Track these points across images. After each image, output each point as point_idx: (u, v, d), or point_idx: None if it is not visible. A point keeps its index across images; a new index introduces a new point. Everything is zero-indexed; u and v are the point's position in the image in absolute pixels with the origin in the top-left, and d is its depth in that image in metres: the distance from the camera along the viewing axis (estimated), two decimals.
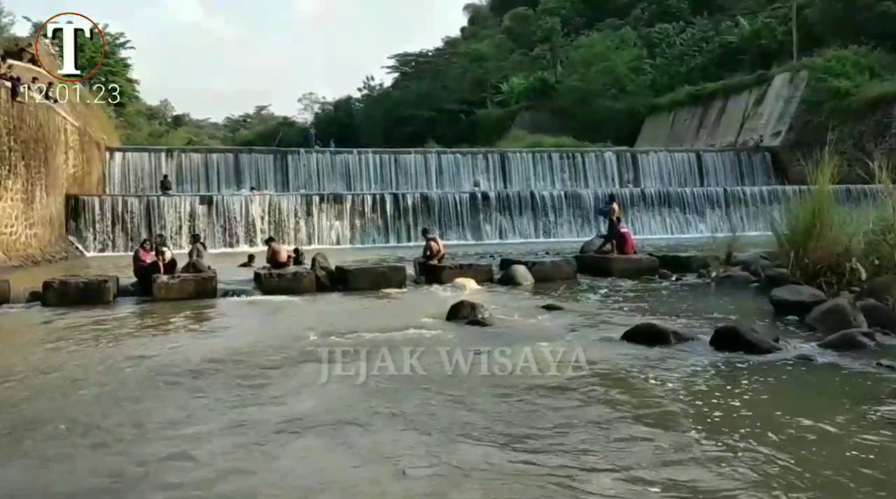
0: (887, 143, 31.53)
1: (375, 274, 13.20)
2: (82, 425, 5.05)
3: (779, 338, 7.25)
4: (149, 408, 5.48)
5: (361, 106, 69.04)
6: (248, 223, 25.32)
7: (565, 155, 36.12)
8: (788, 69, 39.15)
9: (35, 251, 19.22)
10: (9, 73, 18.28)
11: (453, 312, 9.23)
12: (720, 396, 5.50)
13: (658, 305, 10.39)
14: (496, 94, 55.97)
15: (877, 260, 9.09)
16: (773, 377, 6.07)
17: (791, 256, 10.36)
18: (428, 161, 34.29)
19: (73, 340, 8.42)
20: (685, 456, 4.22)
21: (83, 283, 11.79)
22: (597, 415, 5.07)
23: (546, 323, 8.98)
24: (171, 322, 9.91)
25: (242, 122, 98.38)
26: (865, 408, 5.08)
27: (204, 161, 31.42)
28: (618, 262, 14.38)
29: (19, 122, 18.32)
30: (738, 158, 37.48)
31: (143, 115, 50.83)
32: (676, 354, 6.92)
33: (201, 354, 7.37)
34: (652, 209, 29.87)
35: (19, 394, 5.96)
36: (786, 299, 9.11)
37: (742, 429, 4.70)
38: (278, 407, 5.43)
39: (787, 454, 4.23)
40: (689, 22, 52.60)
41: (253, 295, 12.23)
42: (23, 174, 18.56)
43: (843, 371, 6.22)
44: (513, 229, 28.30)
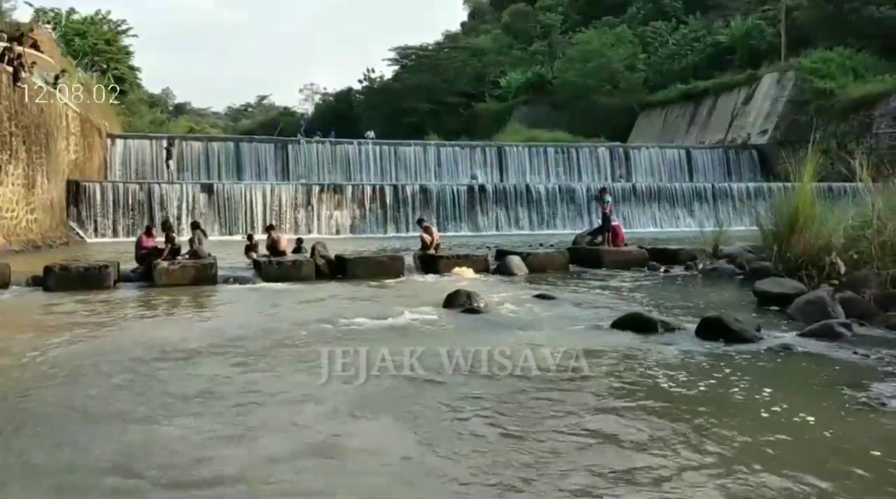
0: (868, 142, 32.07)
1: (374, 263, 13.31)
2: (85, 408, 5.09)
3: (761, 328, 7.37)
4: (146, 391, 5.51)
5: (362, 97, 68.96)
6: (248, 212, 25.57)
7: (560, 149, 36.47)
8: (776, 69, 39.68)
9: (36, 236, 19.29)
10: (14, 56, 18.24)
11: (450, 300, 9.38)
12: (703, 383, 5.62)
13: (646, 296, 10.55)
14: (495, 89, 56.09)
15: (855, 255, 9.31)
16: (754, 365, 6.15)
17: (774, 250, 10.68)
18: (427, 153, 34.54)
19: (75, 325, 8.40)
20: (665, 442, 4.28)
21: (84, 268, 11.75)
22: (581, 399, 5.14)
23: (539, 311, 9.10)
24: (170, 308, 9.89)
25: (243, 111, 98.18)
26: (842, 394, 5.26)
27: (204, 149, 31.49)
28: (609, 253, 14.63)
29: (20, 108, 18.32)
30: (727, 154, 38.04)
31: (145, 102, 50.46)
32: (663, 342, 7.03)
33: (198, 339, 7.38)
34: (643, 203, 30.28)
35: (22, 377, 5.97)
36: (769, 291, 9.33)
37: (723, 414, 4.82)
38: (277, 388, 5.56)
39: (767, 438, 4.34)
40: (683, 21, 52.91)
41: (253, 282, 12.27)
42: (24, 159, 18.57)
43: (822, 359, 6.34)
44: (509, 221, 28.65)
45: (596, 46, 49.81)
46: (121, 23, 42.52)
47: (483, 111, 55.64)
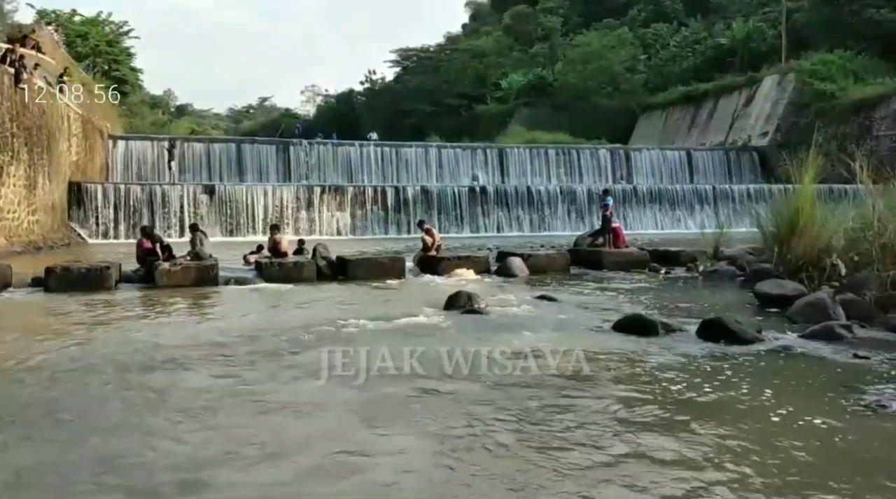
0: (869, 144, 32.10)
1: (375, 264, 13.30)
2: (87, 408, 5.10)
3: (762, 329, 7.40)
4: (147, 391, 5.50)
5: (363, 99, 69.10)
6: (250, 213, 25.60)
7: (561, 151, 36.54)
8: (777, 72, 39.81)
9: (37, 237, 19.24)
10: (15, 58, 18.25)
11: (451, 301, 9.39)
12: (704, 384, 5.63)
13: (647, 298, 10.56)
14: (496, 90, 56.19)
15: (856, 256, 9.34)
16: (754, 366, 6.18)
17: (775, 252, 10.71)
18: (428, 155, 34.63)
19: (76, 326, 8.38)
20: (667, 442, 4.28)
21: (85, 269, 11.75)
22: (583, 401, 5.13)
23: (539, 313, 9.10)
24: (171, 309, 9.86)
25: (245, 113, 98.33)
26: (842, 395, 5.26)
27: (206, 151, 31.59)
28: (609, 255, 14.66)
29: (22, 109, 18.27)
30: (728, 156, 38.14)
31: (147, 104, 50.47)
32: (664, 344, 7.05)
33: (198, 341, 7.37)
34: (644, 205, 30.32)
35: (25, 377, 5.97)
36: (769, 293, 9.36)
37: (723, 415, 4.83)
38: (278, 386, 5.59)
39: (766, 439, 4.36)
40: (683, 23, 53.01)
41: (254, 283, 12.28)
42: (25, 160, 18.54)
43: (822, 361, 6.35)
44: (509, 223, 28.67)
45: (597, 48, 49.92)
46: (122, 24, 42.56)
47: (484, 113, 55.75)
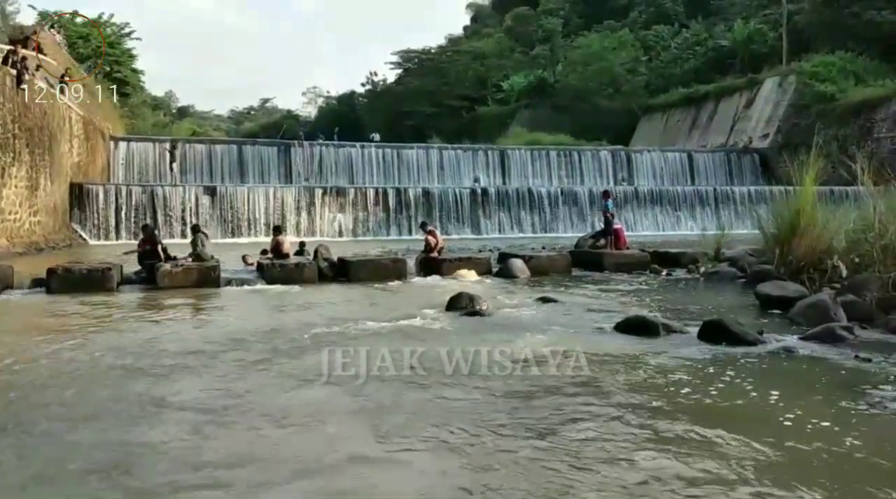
0: (869, 146, 32.10)
1: (377, 265, 13.30)
2: (89, 407, 5.10)
3: (763, 331, 7.39)
4: (149, 391, 5.50)
5: (365, 100, 69.21)
6: (251, 214, 25.64)
7: (563, 152, 36.63)
8: (778, 73, 39.88)
9: (38, 238, 19.32)
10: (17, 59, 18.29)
11: (452, 303, 9.38)
12: (706, 385, 5.63)
13: (649, 299, 10.55)
14: (497, 92, 56.29)
15: (857, 258, 9.32)
16: (757, 368, 6.17)
17: (776, 253, 10.71)
18: (430, 156, 34.70)
19: (76, 326, 8.38)
20: (670, 444, 4.28)
21: (87, 270, 11.75)
22: (588, 408, 5.09)
23: (541, 314, 9.10)
24: (171, 310, 9.85)
25: (246, 114, 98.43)
26: (843, 397, 5.26)
27: (208, 152, 31.71)
28: (611, 256, 14.65)
29: (24, 110, 18.36)
30: (728, 158, 38.22)
31: (148, 105, 50.55)
32: (666, 346, 7.02)
33: (199, 342, 7.38)
34: (645, 206, 30.36)
35: (27, 378, 5.97)
36: (770, 294, 9.34)
37: (725, 417, 4.83)
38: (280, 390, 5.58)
39: (768, 440, 4.34)
40: (684, 25, 53.07)
41: (255, 284, 12.30)
42: (27, 161, 18.61)
43: (823, 363, 6.33)
44: (511, 224, 28.72)
45: (598, 50, 50.02)
46: (124, 26, 42.71)
47: (485, 114, 55.83)
